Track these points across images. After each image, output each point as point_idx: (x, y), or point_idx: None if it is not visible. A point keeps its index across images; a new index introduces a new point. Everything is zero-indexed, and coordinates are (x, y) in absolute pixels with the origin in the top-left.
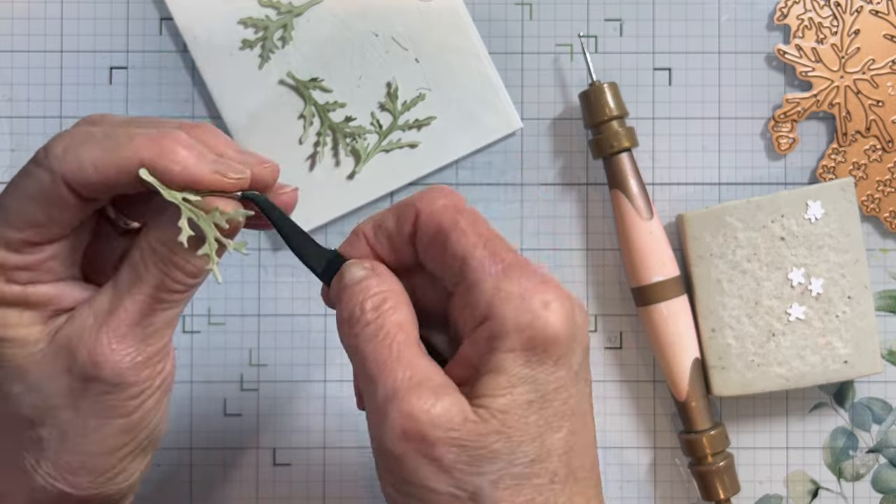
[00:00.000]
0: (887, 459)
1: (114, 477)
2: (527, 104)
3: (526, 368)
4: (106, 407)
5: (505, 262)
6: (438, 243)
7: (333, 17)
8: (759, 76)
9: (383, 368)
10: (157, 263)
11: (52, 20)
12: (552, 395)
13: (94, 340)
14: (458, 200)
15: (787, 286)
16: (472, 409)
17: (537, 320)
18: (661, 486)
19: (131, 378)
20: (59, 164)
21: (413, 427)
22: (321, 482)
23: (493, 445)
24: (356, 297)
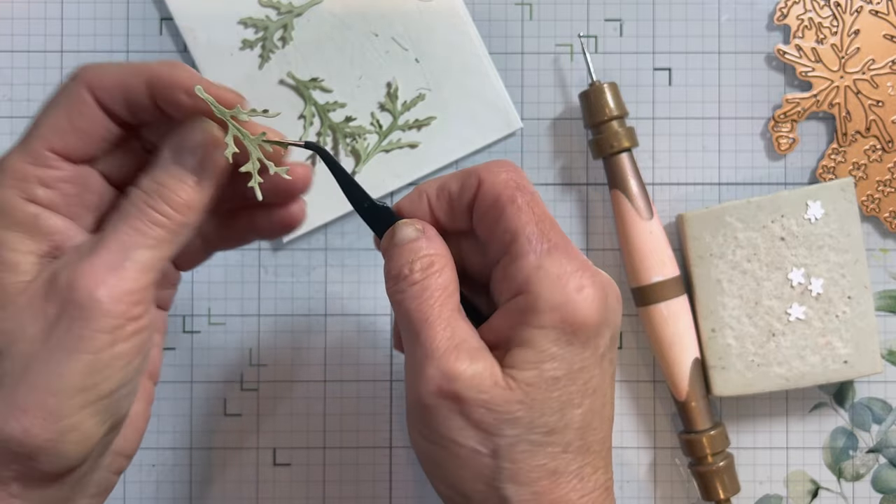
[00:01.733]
0: (887, 459)
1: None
2: (527, 104)
3: (555, 346)
4: (74, 337)
5: (551, 243)
6: (494, 214)
7: (333, 17)
8: (759, 76)
9: (425, 326)
10: (143, 198)
11: (52, 20)
12: (576, 374)
13: (73, 267)
14: (521, 177)
15: (787, 286)
16: (502, 375)
17: (570, 303)
18: (661, 486)
19: (105, 307)
20: (84, 72)
21: (448, 386)
22: (321, 482)
23: (516, 413)
24: (406, 256)
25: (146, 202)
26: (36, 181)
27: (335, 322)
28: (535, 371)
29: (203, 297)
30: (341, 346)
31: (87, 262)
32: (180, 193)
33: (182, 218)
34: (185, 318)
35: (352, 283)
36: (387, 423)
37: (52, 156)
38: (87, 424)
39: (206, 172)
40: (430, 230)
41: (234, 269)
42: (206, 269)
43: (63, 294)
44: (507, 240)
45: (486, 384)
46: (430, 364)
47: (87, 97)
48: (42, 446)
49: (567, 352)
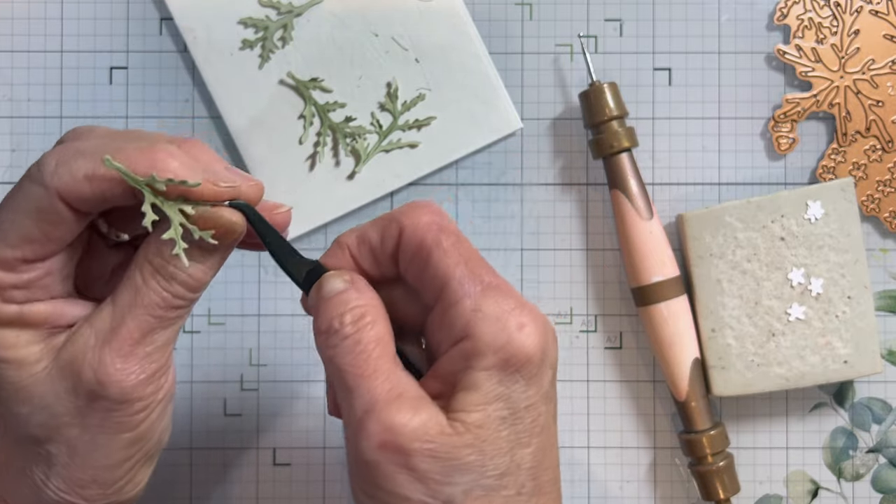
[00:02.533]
0: (887, 459)
1: (123, 486)
2: (527, 104)
3: (500, 386)
4: (112, 423)
5: (484, 283)
6: (420, 260)
7: (333, 17)
8: (759, 76)
9: (361, 381)
10: (155, 278)
11: (52, 20)
12: (523, 413)
13: (98, 360)
14: (443, 218)
15: (787, 286)
16: (447, 422)
17: (512, 342)
18: (661, 486)
19: (136, 395)
20: (53, 179)
21: (391, 439)
22: (321, 482)
23: (466, 458)
24: (335, 309)
25: (161, 285)
26: (10, 287)
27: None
28: (483, 413)
29: (203, 297)
30: None
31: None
32: (195, 274)
33: (197, 295)
34: None
35: None
36: None
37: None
38: (139, 476)
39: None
40: (358, 281)
41: (234, 269)
42: None
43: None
44: (438, 286)
45: (432, 433)
46: (370, 419)
47: (59, 207)
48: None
49: (512, 391)
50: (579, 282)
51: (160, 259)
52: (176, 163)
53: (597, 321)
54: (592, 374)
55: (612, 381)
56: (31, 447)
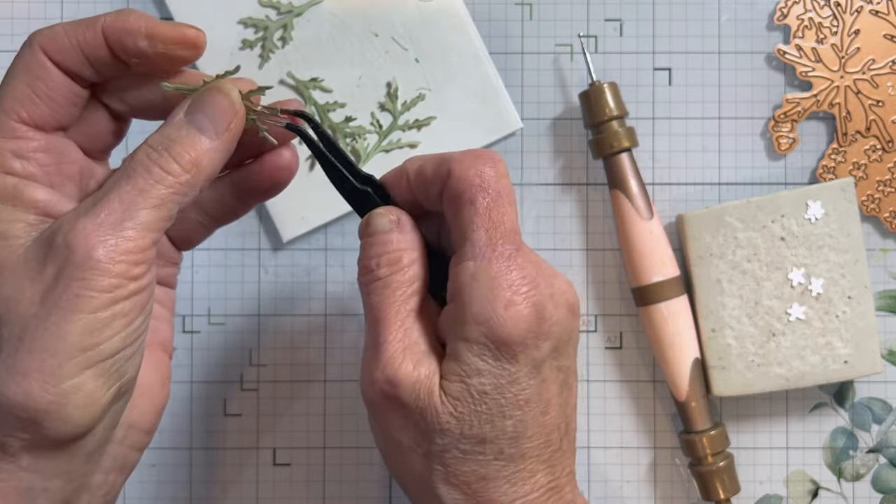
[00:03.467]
0: (887, 459)
1: (69, 393)
2: (527, 104)
3: (480, 361)
4: (70, 297)
5: (496, 252)
6: (454, 210)
7: (333, 17)
8: (759, 76)
9: (380, 324)
10: (149, 154)
11: (52, 20)
12: (504, 388)
13: (71, 225)
14: (492, 173)
15: (787, 286)
16: (438, 385)
17: (494, 319)
18: (661, 486)
19: (103, 266)
20: (37, 37)
21: (391, 391)
22: (321, 482)
23: (445, 424)
24: (375, 249)
25: (152, 158)
26: (9, 153)
27: (335, 322)
28: (462, 385)
29: (203, 297)
30: (341, 346)
31: (85, 220)
32: (189, 151)
33: (188, 177)
34: (185, 318)
35: (352, 283)
36: None
37: (21, 126)
38: (90, 386)
39: (222, 135)
40: (404, 221)
41: (234, 269)
42: (206, 269)
43: (61, 254)
44: (459, 239)
45: (423, 393)
46: (377, 366)
47: (45, 62)
48: (45, 409)
49: (494, 366)
50: (579, 282)
51: (157, 135)
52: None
53: (597, 321)
54: (592, 374)
55: (612, 381)
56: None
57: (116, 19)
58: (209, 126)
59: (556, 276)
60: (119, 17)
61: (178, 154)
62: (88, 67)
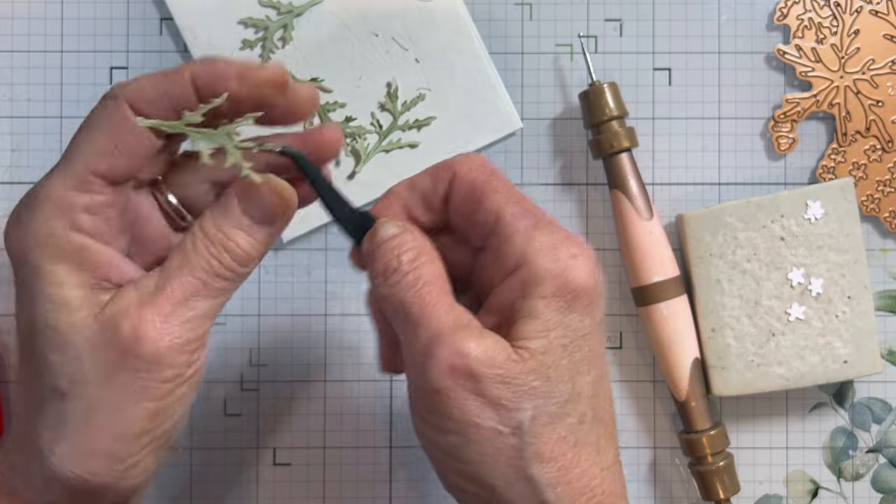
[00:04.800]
0: (887, 459)
1: (131, 467)
2: (527, 104)
3: (558, 314)
4: (139, 387)
5: (536, 217)
6: (473, 200)
7: (333, 17)
8: (759, 76)
9: (425, 312)
10: (208, 247)
11: (52, 20)
12: (581, 342)
13: (139, 315)
14: (492, 165)
15: (786, 286)
16: (512, 349)
17: (568, 270)
18: (661, 486)
19: (169, 359)
20: (121, 89)
21: (462, 363)
22: (321, 482)
23: (532, 383)
24: (392, 251)
25: (211, 252)
26: (81, 209)
27: (335, 322)
28: (545, 340)
29: None
30: (341, 347)
31: (150, 310)
32: (245, 247)
33: (244, 271)
34: None
35: (352, 283)
36: (387, 423)
37: (95, 180)
38: (147, 462)
39: (271, 227)
40: (410, 225)
41: None
42: None
43: (126, 343)
44: (491, 221)
45: (500, 358)
46: (438, 346)
47: (129, 114)
48: (105, 484)
49: (571, 319)
50: None
51: (213, 227)
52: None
53: None
54: None
55: (612, 381)
56: (49, 402)
57: (205, 67)
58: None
59: None
60: (206, 63)
61: (234, 251)
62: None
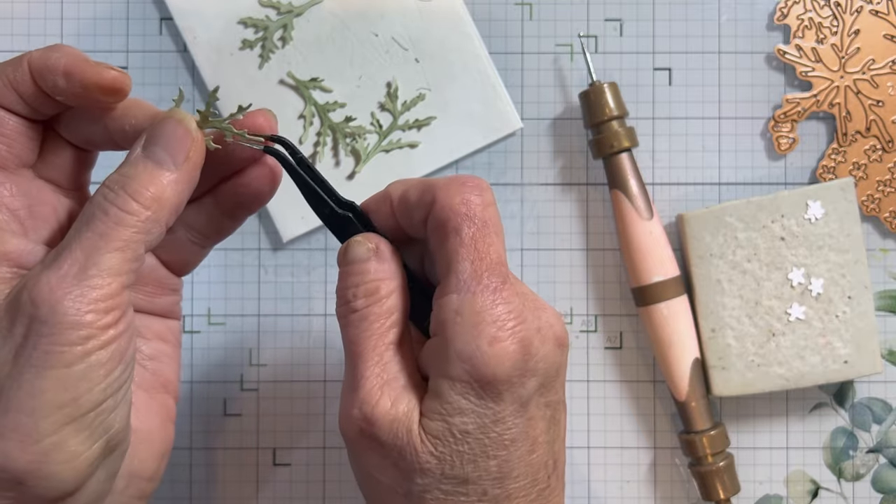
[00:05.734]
0: (887, 459)
1: (51, 449)
2: (527, 104)
3: (463, 400)
4: (42, 353)
5: (481, 285)
6: (440, 238)
7: (333, 17)
8: (759, 76)
9: (358, 359)
10: (107, 195)
11: (52, 20)
12: (489, 427)
13: (35, 280)
14: (478, 201)
15: (787, 286)
16: (418, 423)
17: (478, 356)
18: (661, 486)
19: (70, 318)
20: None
21: (368, 429)
22: (321, 482)
23: (425, 464)
24: (352, 279)
25: (109, 199)
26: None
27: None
28: (443, 424)
29: (203, 297)
30: (341, 347)
31: (48, 273)
32: (149, 187)
33: (150, 214)
34: (185, 318)
35: None
36: None
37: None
38: (71, 443)
39: (181, 166)
40: (383, 249)
41: (234, 269)
42: (205, 269)
43: (27, 310)
44: (443, 270)
45: (402, 431)
46: (354, 403)
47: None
48: (26, 469)
49: (477, 405)
50: (579, 282)
51: (114, 175)
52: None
53: (597, 321)
54: (592, 374)
55: (612, 381)
56: None
57: (40, 56)
58: (167, 158)
59: (545, 308)
60: (43, 53)
61: (135, 192)
62: (23, 105)
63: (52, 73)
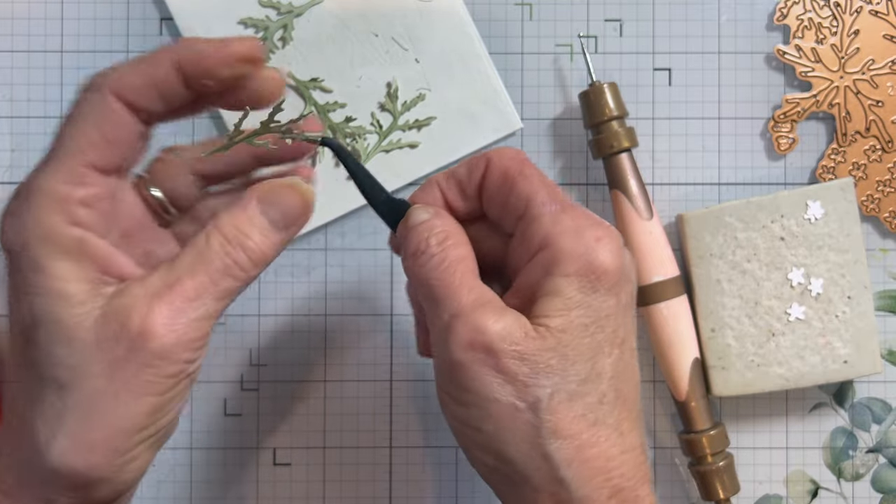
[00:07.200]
0: (887, 459)
1: (128, 462)
2: (527, 104)
3: (580, 293)
4: (143, 381)
5: (564, 203)
6: (505, 187)
7: (333, 17)
8: (759, 76)
9: (449, 291)
10: (223, 244)
11: (52, 20)
12: (604, 322)
13: (148, 309)
14: (524, 155)
15: (786, 286)
16: (531, 326)
17: (590, 251)
18: (661, 486)
19: (174, 355)
20: (104, 79)
21: (480, 339)
22: (321, 482)
23: (549, 361)
24: (422, 234)
25: (227, 251)
26: (78, 202)
27: (335, 322)
28: (564, 318)
29: None
30: (341, 346)
31: (161, 306)
32: (261, 246)
33: (256, 272)
34: None
35: (352, 283)
36: (387, 423)
37: (89, 172)
38: (145, 457)
39: (287, 231)
40: (442, 211)
41: None
42: None
43: (134, 337)
44: (521, 206)
45: (517, 335)
46: (458, 322)
47: (115, 105)
48: (103, 478)
49: (593, 299)
50: None
51: (230, 225)
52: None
53: None
54: None
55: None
56: (49, 394)
57: (187, 48)
58: (281, 222)
59: None
60: (187, 45)
61: (249, 249)
62: (163, 103)
63: (205, 60)
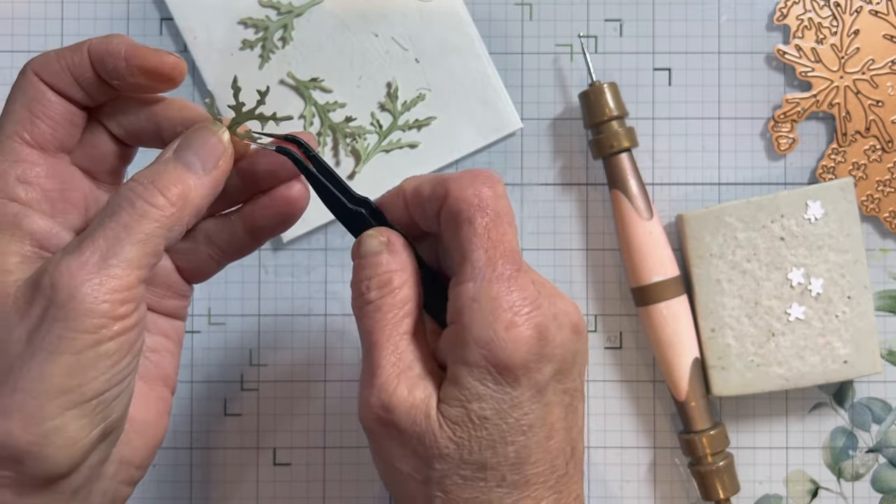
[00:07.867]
0: (887, 459)
1: (52, 432)
2: (527, 104)
3: (481, 386)
4: (55, 337)
5: (496, 273)
6: (452, 230)
7: (333, 17)
8: (759, 76)
9: (374, 348)
10: (135, 189)
11: (52, 20)
12: (506, 413)
13: (55, 265)
14: (490, 193)
15: (786, 286)
16: (436, 409)
17: (495, 341)
18: (661, 486)
19: (86, 305)
20: (30, 63)
21: (386, 416)
22: (321, 482)
23: (443, 449)
24: (366, 271)
25: (137, 192)
26: (14, 178)
27: (335, 322)
28: (462, 410)
29: (203, 297)
30: (341, 346)
31: (70, 259)
32: (176, 184)
33: (174, 210)
34: None
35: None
36: None
37: (24, 148)
38: (71, 428)
39: (210, 172)
40: (394, 241)
41: (234, 269)
42: None
43: (46, 294)
44: (458, 260)
45: (420, 417)
46: (372, 392)
47: (39, 84)
48: (25, 449)
49: (495, 391)
50: (579, 282)
51: (142, 173)
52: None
53: (597, 321)
54: (592, 374)
55: (612, 381)
56: None
57: (101, 41)
58: (197, 163)
59: (560, 296)
60: (104, 39)
61: (163, 187)
62: (78, 89)
63: (112, 58)
